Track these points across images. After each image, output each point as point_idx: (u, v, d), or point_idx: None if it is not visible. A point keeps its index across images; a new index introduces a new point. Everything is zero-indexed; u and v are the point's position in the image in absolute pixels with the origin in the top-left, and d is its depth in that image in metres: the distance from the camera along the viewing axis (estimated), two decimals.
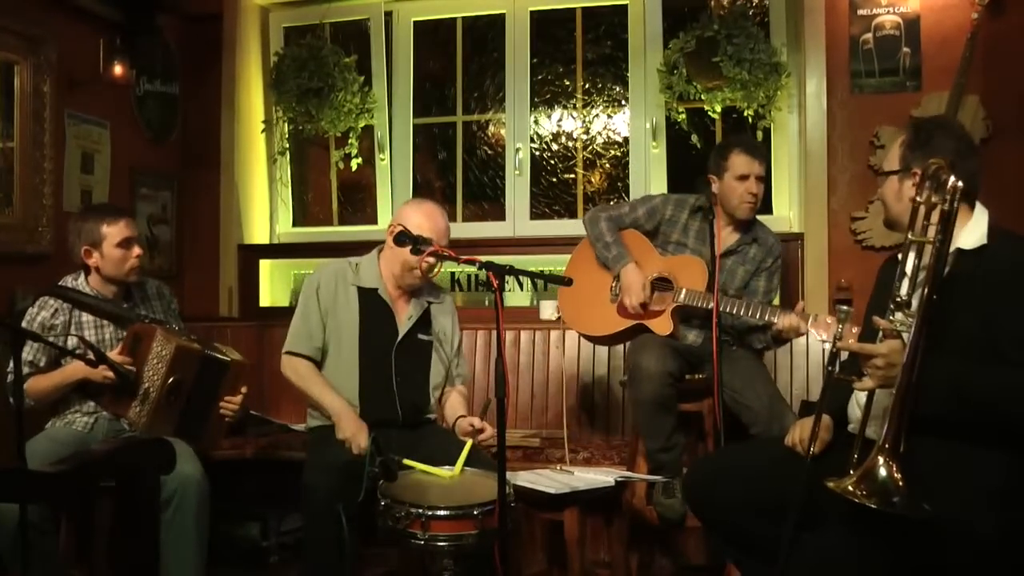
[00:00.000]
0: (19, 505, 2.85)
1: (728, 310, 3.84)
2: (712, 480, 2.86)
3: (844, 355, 2.67)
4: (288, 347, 3.64)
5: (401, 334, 3.63)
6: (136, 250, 3.69)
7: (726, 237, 4.10)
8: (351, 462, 3.19)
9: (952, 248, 2.43)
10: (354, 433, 3.37)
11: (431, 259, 3.41)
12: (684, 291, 3.93)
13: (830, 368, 2.62)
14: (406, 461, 3.19)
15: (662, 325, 3.95)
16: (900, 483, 2.23)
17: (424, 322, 3.71)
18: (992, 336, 2.37)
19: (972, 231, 2.50)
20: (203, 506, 3.39)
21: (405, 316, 3.67)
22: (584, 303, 4.23)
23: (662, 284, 4.04)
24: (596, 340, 4.35)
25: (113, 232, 3.63)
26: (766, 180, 4.03)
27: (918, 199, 2.44)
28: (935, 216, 2.39)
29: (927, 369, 2.30)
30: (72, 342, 3.52)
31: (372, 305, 3.64)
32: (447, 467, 3.18)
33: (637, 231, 4.20)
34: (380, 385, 3.57)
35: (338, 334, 3.61)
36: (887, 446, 2.27)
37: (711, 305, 3.86)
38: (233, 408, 3.68)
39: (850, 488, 2.26)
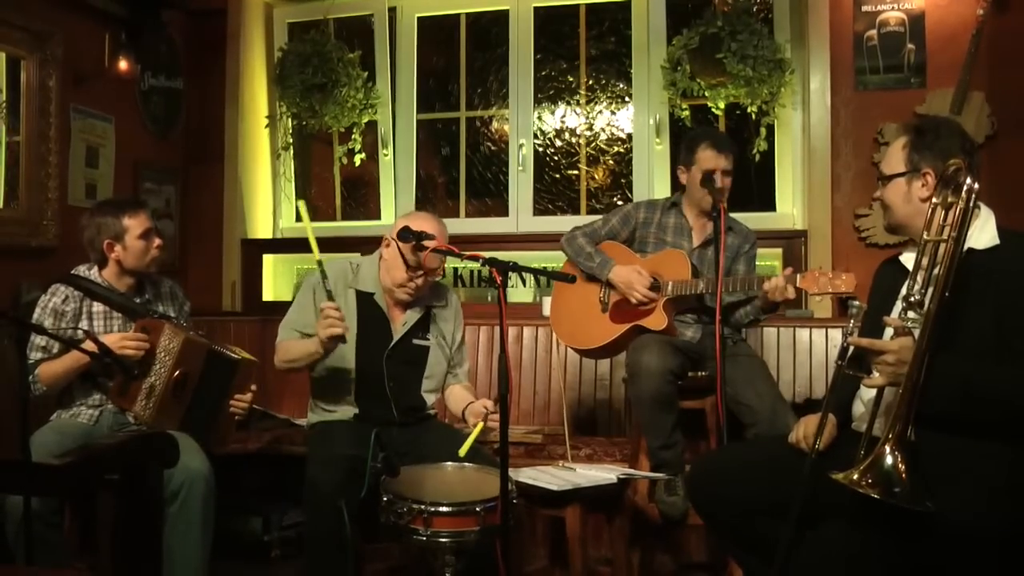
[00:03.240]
0: (24, 497, 2.87)
1: (713, 291, 3.83)
2: (715, 478, 2.86)
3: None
4: (280, 338, 3.65)
5: (393, 340, 3.60)
6: (157, 240, 3.72)
7: (701, 227, 4.14)
8: (353, 457, 3.20)
9: (964, 248, 2.45)
10: (332, 329, 3.32)
11: (419, 281, 3.51)
12: (671, 284, 3.94)
13: (840, 362, 2.62)
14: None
15: (656, 320, 3.95)
16: (903, 475, 2.25)
17: (422, 326, 3.67)
18: (1005, 334, 2.39)
19: (983, 231, 2.52)
20: (209, 500, 3.40)
21: (400, 322, 3.63)
22: (577, 320, 4.24)
23: (651, 284, 4.05)
24: (597, 353, 4.33)
25: (134, 224, 3.64)
26: (736, 172, 4.01)
27: (934, 200, 2.46)
28: (950, 216, 2.41)
29: (937, 367, 2.32)
30: (79, 335, 3.52)
31: (368, 309, 3.62)
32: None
33: (615, 242, 4.23)
34: (375, 388, 3.56)
35: None
36: (894, 437, 2.28)
37: (700, 290, 3.89)
38: (243, 406, 3.69)
39: (855, 478, 2.28)
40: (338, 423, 3.53)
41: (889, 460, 2.28)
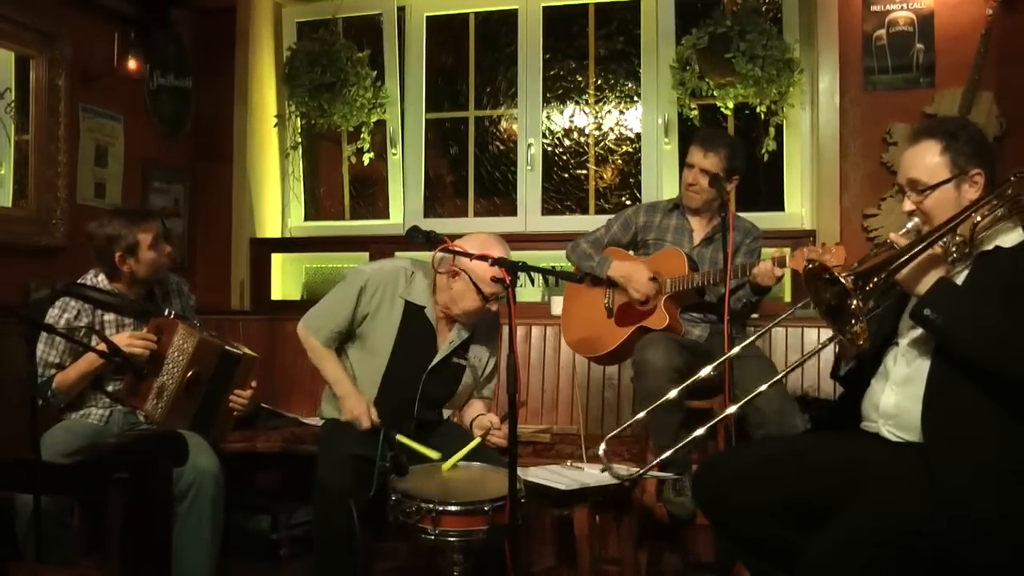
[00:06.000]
0: (33, 496, 2.88)
1: (712, 282, 3.91)
2: (722, 481, 2.84)
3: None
4: (308, 324, 3.58)
5: (438, 358, 3.54)
6: (167, 248, 3.71)
7: (701, 227, 4.19)
8: (363, 457, 3.20)
9: (992, 245, 2.52)
10: (356, 416, 3.40)
11: (492, 307, 3.47)
12: (669, 281, 3.97)
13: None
14: (398, 437, 3.24)
15: (657, 319, 3.98)
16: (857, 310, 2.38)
17: (464, 346, 3.62)
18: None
19: (1010, 231, 2.55)
20: (219, 499, 3.40)
21: (447, 340, 3.57)
22: (585, 328, 4.28)
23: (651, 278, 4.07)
24: (606, 359, 4.36)
25: (146, 236, 3.61)
26: (723, 174, 4.02)
27: (987, 210, 2.49)
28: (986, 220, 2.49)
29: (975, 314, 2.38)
30: (85, 334, 3.53)
31: (415, 322, 3.53)
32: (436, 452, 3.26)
33: (618, 248, 4.28)
34: (403, 400, 3.51)
35: (372, 337, 3.53)
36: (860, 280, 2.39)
37: (697, 283, 3.92)
38: (243, 402, 3.69)
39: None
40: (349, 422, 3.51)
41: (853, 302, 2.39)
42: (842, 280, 2.38)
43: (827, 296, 2.45)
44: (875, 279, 2.38)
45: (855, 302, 2.37)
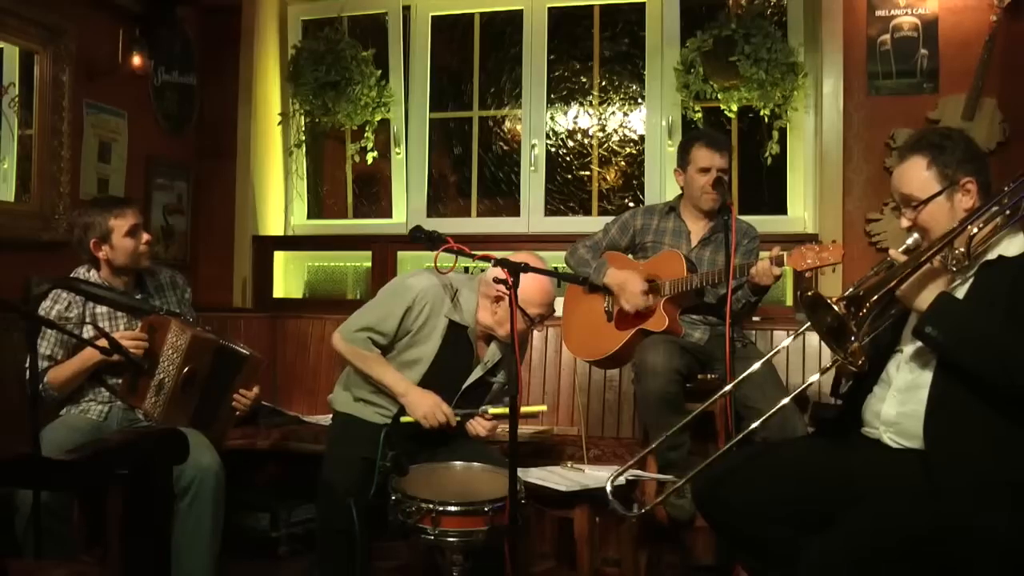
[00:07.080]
0: (33, 491, 2.88)
1: (711, 283, 3.93)
2: (722, 483, 2.85)
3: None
4: (348, 335, 3.47)
5: (473, 377, 3.52)
6: (145, 236, 3.72)
7: (699, 229, 4.19)
8: (368, 458, 3.20)
9: (995, 255, 2.51)
10: (428, 411, 3.33)
11: (538, 329, 3.48)
12: (668, 283, 3.97)
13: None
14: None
15: (657, 322, 3.98)
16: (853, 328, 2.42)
17: (497, 364, 3.60)
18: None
19: (1013, 241, 2.54)
20: (219, 497, 3.41)
21: (484, 360, 3.56)
22: (585, 332, 4.28)
23: (650, 286, 4.07)
24: (607, 363, 4.34)
25: (120, 223, 3.64)
26: (731, 172, 4.06)
27: (984, 222, 2.49)
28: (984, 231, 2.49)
29: (978, 321, 2.40)
30: (87, 330, 3.53)
31: (457, 341, 3.49)
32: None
33: (616, 252, 4.29)
34: None
35: (411, 352, 3.48)
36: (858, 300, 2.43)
37: (695, 285, 3.93)
38: (246, 403, 3.68)
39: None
40: (362, 422, 3.48)
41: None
42: (835, 308, 2.39)
43: (827, 319, 2.46)
44: (868, 303, 2.41)
45: (850, 325, 2.38)
